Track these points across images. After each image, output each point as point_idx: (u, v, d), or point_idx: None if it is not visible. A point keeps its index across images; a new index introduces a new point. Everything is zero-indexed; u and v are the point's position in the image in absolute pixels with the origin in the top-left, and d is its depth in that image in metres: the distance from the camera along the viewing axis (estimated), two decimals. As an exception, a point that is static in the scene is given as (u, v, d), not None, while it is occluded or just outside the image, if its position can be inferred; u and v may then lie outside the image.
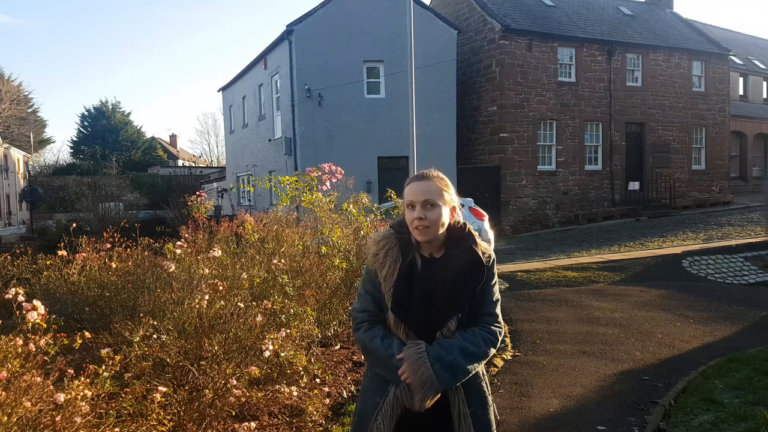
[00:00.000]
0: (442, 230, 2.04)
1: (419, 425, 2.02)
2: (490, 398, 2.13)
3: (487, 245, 2.12)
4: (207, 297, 3.56)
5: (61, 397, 2.47)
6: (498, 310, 2.09)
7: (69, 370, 2.65)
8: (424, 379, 1.91)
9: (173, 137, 61.71)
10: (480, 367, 2.08)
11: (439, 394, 1.95)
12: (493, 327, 2.05)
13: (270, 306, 3.99)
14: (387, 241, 2.08)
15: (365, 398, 2.12)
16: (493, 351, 2.05)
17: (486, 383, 2.13)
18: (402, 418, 2.01)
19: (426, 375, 1.91)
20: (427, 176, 2.06)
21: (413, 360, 1.93)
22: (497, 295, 2.11)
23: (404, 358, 1.95)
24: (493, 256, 2.11)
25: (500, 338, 2.08)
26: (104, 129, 47.60)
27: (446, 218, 2.04)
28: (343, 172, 6.12)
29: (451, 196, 2.06)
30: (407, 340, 2.00)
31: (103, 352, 2.88)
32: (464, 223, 2.12)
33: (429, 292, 2.01)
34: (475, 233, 2.12)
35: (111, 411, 2.76)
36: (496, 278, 2.11)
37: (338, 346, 5.51)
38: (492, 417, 2.11)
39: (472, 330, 2.02)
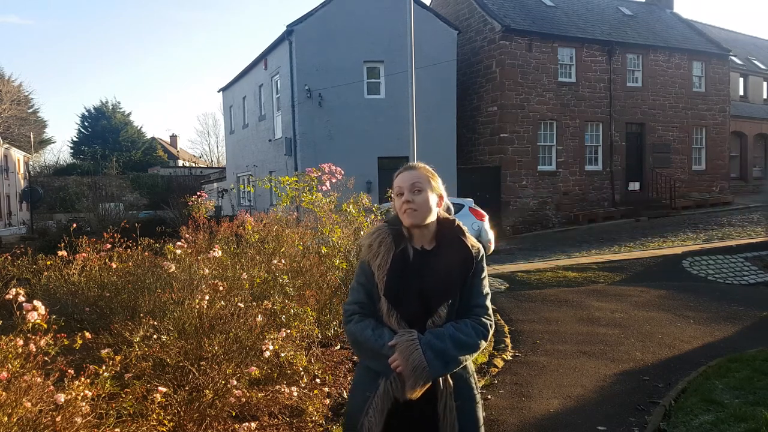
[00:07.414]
0: (430, 218, 2.09)
1: (407, 420, 2.01)
2: (478, 395, 2.14)
3: (475, 240, 2.17)
4: (207, 297, 3.56)
5: (61, 398, 2.47)
6: (488, 303, 2.13)
7: (69, 371, 2.65)
8: (415, 365, 1.91)
9: (173, 137, 61.72)
10: (470, 362, 2.10)
11: (430, 383, 1.94)
12: (483, 319, 2.08)
13: (270, 306, 3.99)
14: (380, 233, 2.12)
15: (355, 393, 2.12)
16: (484, 343, 2.07)
17: (475, 380, 2.15)
18: (391, 413, 1.99)
19: (417, 361, 1.91)
20: (415, 167, 2.15)
21: (405, 346, 1.94)
22: (487, 289, 2.14)
23: (396, 345, 1.95)
24: (482, 251, 2.16)
25: (491, 331, 2.10)
26: (104, 129, 47.59)
27: (434, 205, 2.10)
28: (342, 172, 6.11)
29: (438, 184, 2.14)
30: (399, 329, 2.01)
31: (104, 352, 2.88)
32: (454, 219, 2.18)
33: (421, 280, 2.04)
34: (464, 227, 2.17)
35: (111, 411, 2.76)
36: (485, 272, 2.15)
37: (338, 347, 5.50)
38: (479, 414, 2.12)
39: (463, 321, 2.05)
